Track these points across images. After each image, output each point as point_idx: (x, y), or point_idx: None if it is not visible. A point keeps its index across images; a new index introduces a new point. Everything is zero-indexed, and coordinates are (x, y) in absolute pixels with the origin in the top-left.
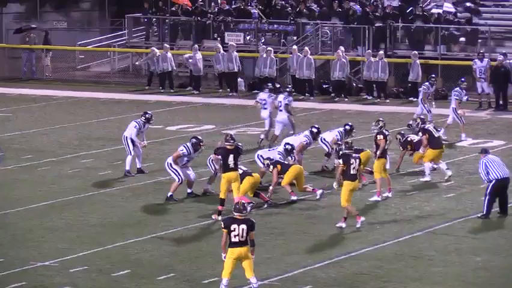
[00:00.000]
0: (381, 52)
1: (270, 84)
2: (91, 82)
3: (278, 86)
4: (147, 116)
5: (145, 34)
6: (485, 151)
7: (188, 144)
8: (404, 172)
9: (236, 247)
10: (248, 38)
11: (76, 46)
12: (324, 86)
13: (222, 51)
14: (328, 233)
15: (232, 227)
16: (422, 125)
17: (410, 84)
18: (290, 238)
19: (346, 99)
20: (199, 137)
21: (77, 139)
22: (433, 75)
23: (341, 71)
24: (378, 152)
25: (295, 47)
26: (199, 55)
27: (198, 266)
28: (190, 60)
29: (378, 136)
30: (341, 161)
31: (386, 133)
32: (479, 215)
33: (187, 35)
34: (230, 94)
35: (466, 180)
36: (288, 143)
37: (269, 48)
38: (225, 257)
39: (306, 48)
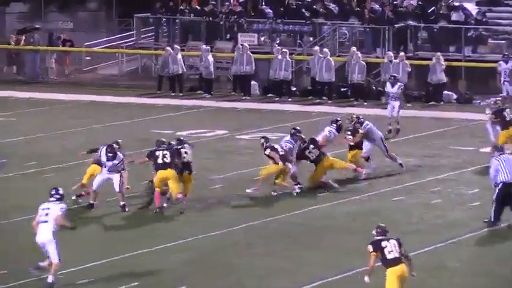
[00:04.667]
0: (402, 53)
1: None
2: (98, 85)
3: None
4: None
5: (154, 34)
6: (500, 149)
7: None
8: (426, 180)
9: (395, 265)
10: (262, 38)
11: (82, 47)
12: (342, 89)
13: (242, 51)
14: (345, 243)
15: (383, 244)
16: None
17: (431, 88)
18: (304, 248)
19: (365, 103)
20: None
21: (84, 145)
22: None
23: (360, 74)
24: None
25: (317, 47)
26: (210, 57)
27: (209, 277)
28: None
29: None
30: None
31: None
32: (485, 220)
33: (198, 35)
34: (243, 97)
35: (491, 188)
36: (294, 128)
37: (284, 49)
38: (367, 280)
39: (326, 49)
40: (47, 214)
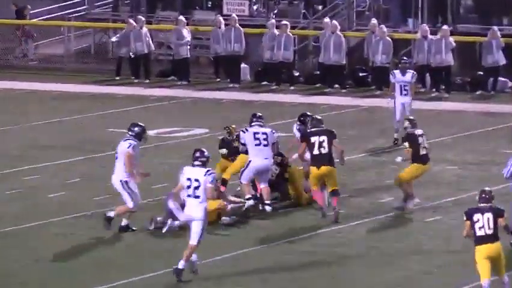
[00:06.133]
0: (446, 27)
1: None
2: (37, 69)
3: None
4: (136, 129)
5: (112, 3)
6: None
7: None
8: (470, 194)
9: (484, 243)
10: (255, 7)
11: (14, 19)
12: (360, 75)
13: (223, 26)
14: (365, 278)
15: (475, 218)
16: None
17: (483, 73)
18: (313, 285)
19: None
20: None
21: (18, 148)
22: None
23: (384, 54)
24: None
25: (327, 19)
26: (186, 31)
27: None
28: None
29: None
30: None
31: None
32: None
33: (171, 3)
34: (230, 85)
35: None
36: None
37: (284, 22)
38: None
39: (334, 21)
40: (197, 187)
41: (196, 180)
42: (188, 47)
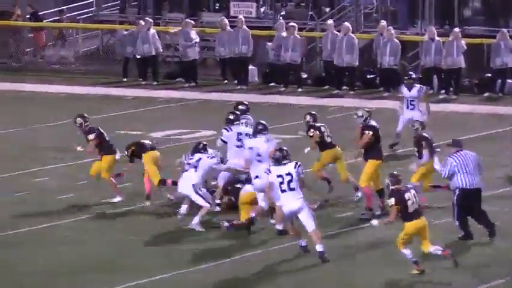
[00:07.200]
0: (457, 29)
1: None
2: (44, 71)
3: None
4: (267, 125)
5: (119, 5)
6: (457, 143)
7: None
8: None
9: (416, 218)
10: (263, 9)
11: (24, 21)
12: (368, 76)
13: (228, 28)
14: (365, 278)
15: (406, 196)
16: None
17: (491, 75)
18: (314, 286)
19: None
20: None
21: (25, 149)
22: None
23: (392, 56)
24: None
25: (331, 21)
26: (193, 34)
27: None
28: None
29: (365, 131)
30: None
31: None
32: (459, 236)
33: (178, 5)
34: (237, 87)
35: None
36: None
37: (292, 23)
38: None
39: (347, 23)
40: (290, 181)
41: (288, 174)
42: (197, 49)
